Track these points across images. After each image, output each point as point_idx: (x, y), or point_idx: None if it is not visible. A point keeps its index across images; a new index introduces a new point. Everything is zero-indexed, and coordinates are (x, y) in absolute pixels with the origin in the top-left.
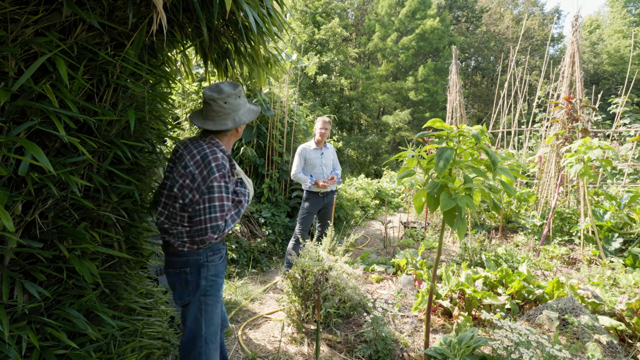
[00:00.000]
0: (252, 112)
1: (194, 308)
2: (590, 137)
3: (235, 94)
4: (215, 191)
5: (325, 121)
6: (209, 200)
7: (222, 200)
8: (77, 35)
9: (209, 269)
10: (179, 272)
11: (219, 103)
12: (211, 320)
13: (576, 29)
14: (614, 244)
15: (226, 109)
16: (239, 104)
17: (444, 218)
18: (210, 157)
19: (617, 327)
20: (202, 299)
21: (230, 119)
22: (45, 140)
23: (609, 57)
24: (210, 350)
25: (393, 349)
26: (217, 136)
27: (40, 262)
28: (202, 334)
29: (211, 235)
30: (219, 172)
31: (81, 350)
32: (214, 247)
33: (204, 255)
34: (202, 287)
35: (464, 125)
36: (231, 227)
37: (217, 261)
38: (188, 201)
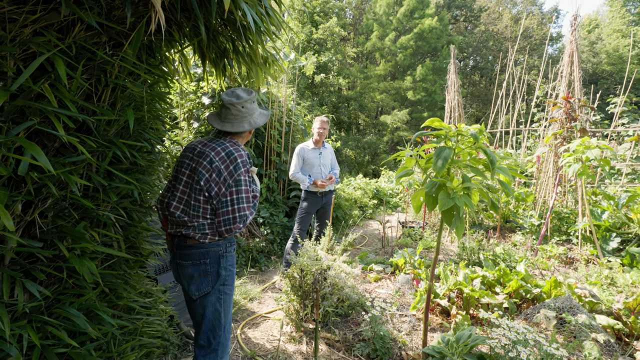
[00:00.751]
0: (264, 116)
1: (213, 298)
2: (589, 137)
3: (250, 99)
4: (242, 184)
5: (323, 121)
6: (237, 192)
7: (247, 192)
8: (75, 35)
9: (227, 259)
10: (199, 263)
11: (237, 107)
12: (229, 309)
13: (575, 28)
14: (612, 244)
15: (243, 113)
16: (254, 108)
17: (442, 217)
18: (236, 154)
19: (614, 325)
20: (221, 289)
21: (246, 121)
22: (45, 140)
23: (607, 56)
24: (227, 339)
25: (391, 347)
26: (234, 137)
27: (41, 261)
28: (221, 323)
29: (238, 224)
30: (244, 167)
31: (81, 349)
32: (230, 239)
33: (223, 247)
34: (222, 276)
35: (463, 125)
36: (250, 219)
37: (232, 252)
38: (214, 194)
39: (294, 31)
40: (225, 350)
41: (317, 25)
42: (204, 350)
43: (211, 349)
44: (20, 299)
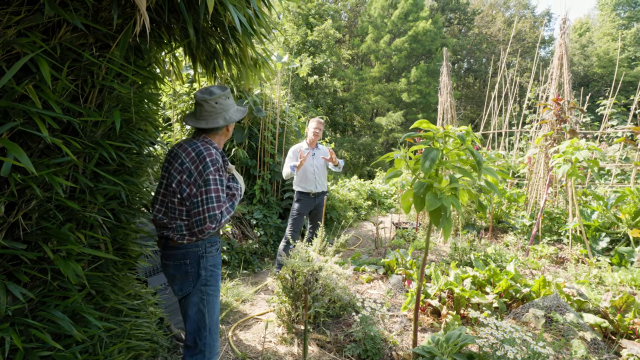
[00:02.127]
0: (240, 112)
1: (195, 298)
2: (578, 138)
3: (224, 95)
4: (211, 184)
5: (319, 122)
6: (206, 192)
7: (217, 191)
8: (61, 36)
9: (208, 260)
10: (180, 264)
11: (210, 104)
12: (213, 310)
13: (564, 32)
14: (601, 243)
15: (217, 109)
16: (229, 104)
17: (430, 218)
18: (205, 152)
19: (601, 324)
20: (203, 289)
21: (221, 117)
22: (29, 142)
23: (598, 59)
24: (214, 340)
25: (382, 348)
26: (209, 135)
27: (24, 263)
28: (206, 323)
29: (210, 224)
30: (213, 167)
31: (66, 352)
32: (211, 239)
33: (202, 247)
34: (203, 277)
35: (450, 126)
36: (227, 218)
37: (214, 252)
38: (186, 195)
39: (288, 33)
40: (213, 351)
41: (312, 27)
42: (191, 351)
43: (198, 350)
44: (2, 301)
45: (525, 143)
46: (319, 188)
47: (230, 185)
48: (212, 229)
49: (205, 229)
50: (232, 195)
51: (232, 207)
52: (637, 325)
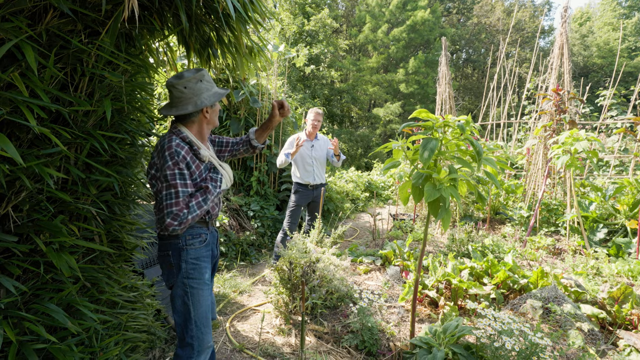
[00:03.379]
0: (217, 95)
1: (179, 291)
2: (577, 129)
3: (195, 78)
4: (169, 179)
5: (318, 113)
6: (166, 188)
7: (176, 187)
8: (48, 22)
9: (189, 252)
10: (164, 254)
11: (178, 88)
12: (198, 303)
13: (565, 20)
14: (599, 235)
15: (186, 94)
16: (201, 88)
17: (428, 209)
18: (166, 145)
19: (598, 315)
20: (186, 282)
21: (191, 103)
22: (17, 131)
23: (598, 49)
24: (203, 333)
25: (379, 338)
26: (184, 124)
27: (16, 256)
28: (191, 316)
29: (171, 222)
30: (171, 160)
31: (61, 345)
32: (192, 231)
33: (183, 239)
34: (184, 269)
35: (450, 116)
36: (196, 214)
37: (197, 245)
38: (155, 190)
39: (284, 22)
40: (203, 345)
41: (309, 16)
42: (181, 343)
43: (186, 343)
44: None
45: (523, 134)
46: (317, 180)
47: (206, 177)
48: (175, 226)
49: (167, 226)
50: (206, 187)
51: (204, 201)
52: (634, 316)
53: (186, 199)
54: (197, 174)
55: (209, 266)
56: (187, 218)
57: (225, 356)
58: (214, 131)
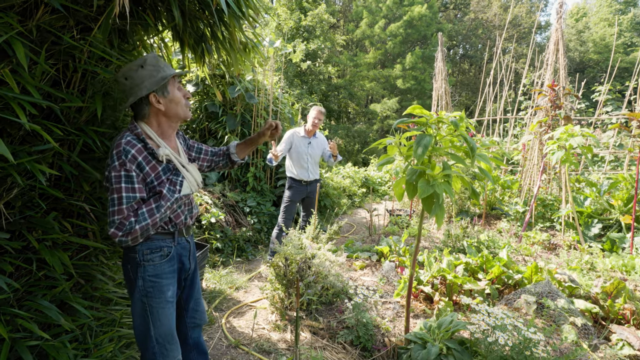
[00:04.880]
0: (161, 80)
1: (138, 307)
2: (573, 125)
3: (136, 65)
4: (113, 182)
5: (320, 112)
6: (110, 193)
7: (120, 192)
8: (39, 18)
9: (147, 269)
10: (124, 268)
11: (120, 81)
12: (159, 321)
13: (560, 16)
14: (594, 230)
15: (128, 85)
16: (142, 75)
17: (422, 205)
18: (115, 143)
19: (591, 309)
20: (144, 300)
21: (132, 94)
22: (8, 128)
23: (594, 45)
24: (167, 349)
25: (374, 334)
26: (141, 120)
27: (9, 253)
28: (151, 334)
29: (115, 232)
30: (118, 160)
31: (55, 341)
32: (151, 245)
33: (140, 253)
34: (140, 287)
35: (444, 112)
36: (146, 223)
37: (157, 260)
38: None
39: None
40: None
41: (305, 12)
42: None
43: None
44: None
45: (519, 130)
46: (311, 176)
47: (163, 179)
48: (121, 237)
49: (111, 236)
50: (159, 193)
51: (157, 209)
52: (627, 311)
53: (134, 205)
54: (152, 176)
55: (173, 282)
56: (135, 228)
57: (221, 352)
58: (211, 128)
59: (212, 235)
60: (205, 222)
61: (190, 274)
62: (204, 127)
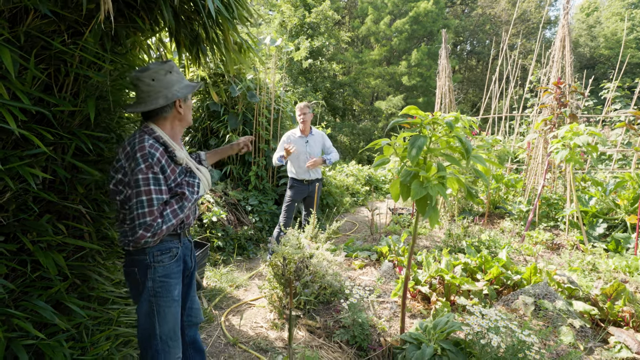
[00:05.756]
0: (189, 87)
1: (144, 307)
2: (578, 123)
3: (164, 70)
4: (140, 184)
5: (301, 107)
6: (136, 195)
7: (149, 193)
8: (29, 24)
9: (157, 270)
10: (130, 271)
11: (145, 81)
12: (165, 320)
13: (567, 12)
14: (598, 230)
15: (155, 87)
16: (171, 80)
17: (416, 206)
18: (137, 146)
19: (590, 311)
20: (153, 300)
21: (161, 96)
22: (0, 133)
23: (605, 40)
24: (170, 347)
25: (370, 334)
26: (154, 122)
27: (4, 255)
28: (156, 333)
29: (143, 233)
30: (144, 163)
31: (50, 341)
32: (162, 246)
33: (150, 255)
34: (150, 288)
35: (439, 113)
36: (172, 223)
37: (166, 261)
38: (124, 198)
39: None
40: (170, 358)
41: (310, 8)
42: (142, 355)
43: (148, 357)
44: None
45: (526, 127)
46: (312, 175)
47: (181, 182)
48: (148, 238)
49: (138, 239)
50: (182, 193)
51: (180, 209)
52: (626, 313)
53: (160, 207)
54: (172, 179)
55: (179, 282)
56: (162, 228)
57: (219, 350)
58: (213, 127)
59: (213, 234)
60: (207, 221)
61: (190, 272)
62: (206, 126)
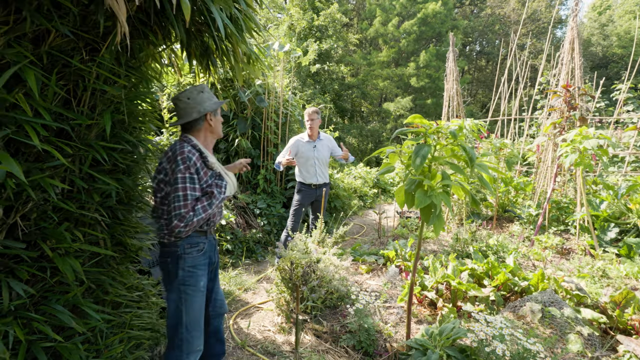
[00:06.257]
0: (217, 103)
1: (174, 296)
2: (588, 126)
3: (197, 90)
4: (179, 182)
5: (309, 112)
6: (174, 191)
7: (185, 190)
8: (51, 42)
9: (186, 261)
10: (163, 261)
11: (182, 100)
12: (191, 308)
13: (576, 14)
14: (610, 234)
15: (190, 104)
16: (203, 98)
17: (420, 214)
18: (178, 151)
19: (598, 319)
20: (182, 288)
21: (195, 111)
22: (22, 148)
23: (618, 39)
24: (193, 337)
25: (376, 339)
26: (191, 133)
27: (25, 261)
28: (182, 321)
29: (178, 223)
30: (183, 165)
31: (68, 343)
32: (191, 240)
33: (181, 247)
34: (180, 277)
35: (443, 122)
36: (201, 217)
37: (194, 254)
38: (164, 194)
39: (294, 18)
40: (192, 348)
41: (318, 11)
42: (170, 345)
43: (174, 345)
44: (5, 297)
45: (535, 129)
46: (320, 180)
47: (211, 183)
48: (182, 227)
49: (173, 228)
50: (211, 192)
51: (209, 205)
52: (636, 321)
53: (193, 202)
54: (204, 180)
55: (205, 274)
56: (193, 220)
57: (228, 352)
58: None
59: (222, 237)
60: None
61: (215, 267)
62: None
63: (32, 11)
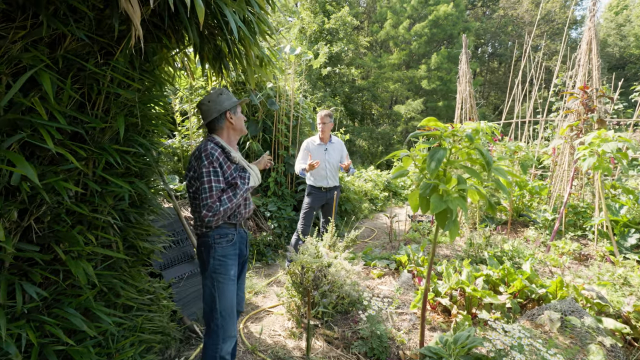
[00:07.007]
0: (235, 102)
1: (208, 283)
2: (606, 129)
3: (216, 93)
4: (204, 176)
5: (322, 115)
6: (201, 184)
7: (210, 182)
8: (67, 46)
9: (216, 250)
10: (199, 250)
11: (204, 103)
12: (223, 295)
13: (593, 14)
14: (630, 240)
15: (211, 106)
16: (222, 99)
17: (435, 219)
18: (202, 149)
19: (621, 329)
20: (214, 276)
21: (215, 111)
22: (37, 151)
23: (636, 39)
24: (227, 323)
25: (389, 346)
26: (215, 133)
27: (39, 264)
28: (217, 307)
29: (206, 213)
30: (207, 160)
31: (79, 347)
32: (221, 231)
33: (212, 238)
34: (212, 265)
35: (458, 125)
36: (227, 206)
37: (224, 244)
38: (195, 189)
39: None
40: (227, 334)
41: (329, 15)
42: (207, 331)
43: (211, 331)
44: (18, 300)
45: (551, 132)
46: (330, 183)
47: (235, 175)
48: (210, 217)
49: (203, 217)
50: (234, 183)
51: (234, 195)
52: None
53: (219, 193)
54: (228, 173)
55: (235, 264)
56: (220, 210)
57: (238, 357)
58: None
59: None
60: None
61: (244, 259)
62: None
63: (49, 16)
